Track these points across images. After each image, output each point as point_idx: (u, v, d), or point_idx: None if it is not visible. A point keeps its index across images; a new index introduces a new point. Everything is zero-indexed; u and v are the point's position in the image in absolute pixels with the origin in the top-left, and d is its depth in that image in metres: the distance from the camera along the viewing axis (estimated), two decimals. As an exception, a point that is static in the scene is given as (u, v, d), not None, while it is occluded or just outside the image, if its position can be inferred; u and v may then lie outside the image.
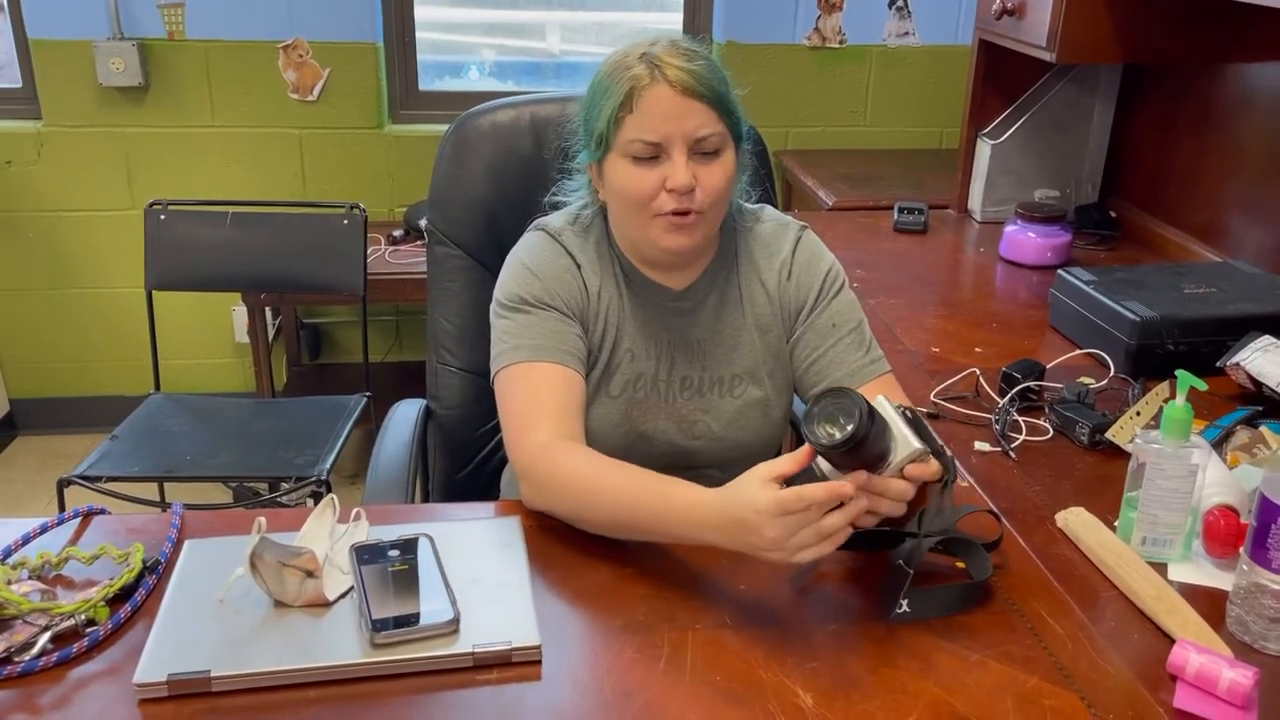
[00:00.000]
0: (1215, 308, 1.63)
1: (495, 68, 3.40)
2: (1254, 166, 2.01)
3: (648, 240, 1.24)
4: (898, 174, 2.96)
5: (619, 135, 1.19)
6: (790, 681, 0.95)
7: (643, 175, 1.19)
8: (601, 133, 1.21)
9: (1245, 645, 1.03)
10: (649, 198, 1.20)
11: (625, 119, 1.19)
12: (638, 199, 1.21)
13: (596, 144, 1.23)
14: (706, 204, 1.21)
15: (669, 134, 1.18)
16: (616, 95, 1.19)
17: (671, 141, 1.18)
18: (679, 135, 1.18)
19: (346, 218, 2.45)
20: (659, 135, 1.18)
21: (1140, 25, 2.00)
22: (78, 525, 1.16)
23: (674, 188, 1.18)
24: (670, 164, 1.19)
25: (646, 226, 1.23)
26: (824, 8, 3.16)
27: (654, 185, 1.19)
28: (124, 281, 3.15)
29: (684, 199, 1.19)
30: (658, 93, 1.17)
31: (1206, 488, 1.15)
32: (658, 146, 1.18)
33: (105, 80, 2.91)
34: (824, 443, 0.95)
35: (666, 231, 1.22)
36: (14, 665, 0.94)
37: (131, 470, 2.17)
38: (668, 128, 1.18)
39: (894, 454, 1.00)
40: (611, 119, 1.19)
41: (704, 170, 1.20)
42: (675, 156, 1.18)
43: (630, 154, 1.19)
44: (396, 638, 0.95)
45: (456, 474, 1.61)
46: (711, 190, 1.20)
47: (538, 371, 1.23)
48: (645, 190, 1.20)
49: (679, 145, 1.18)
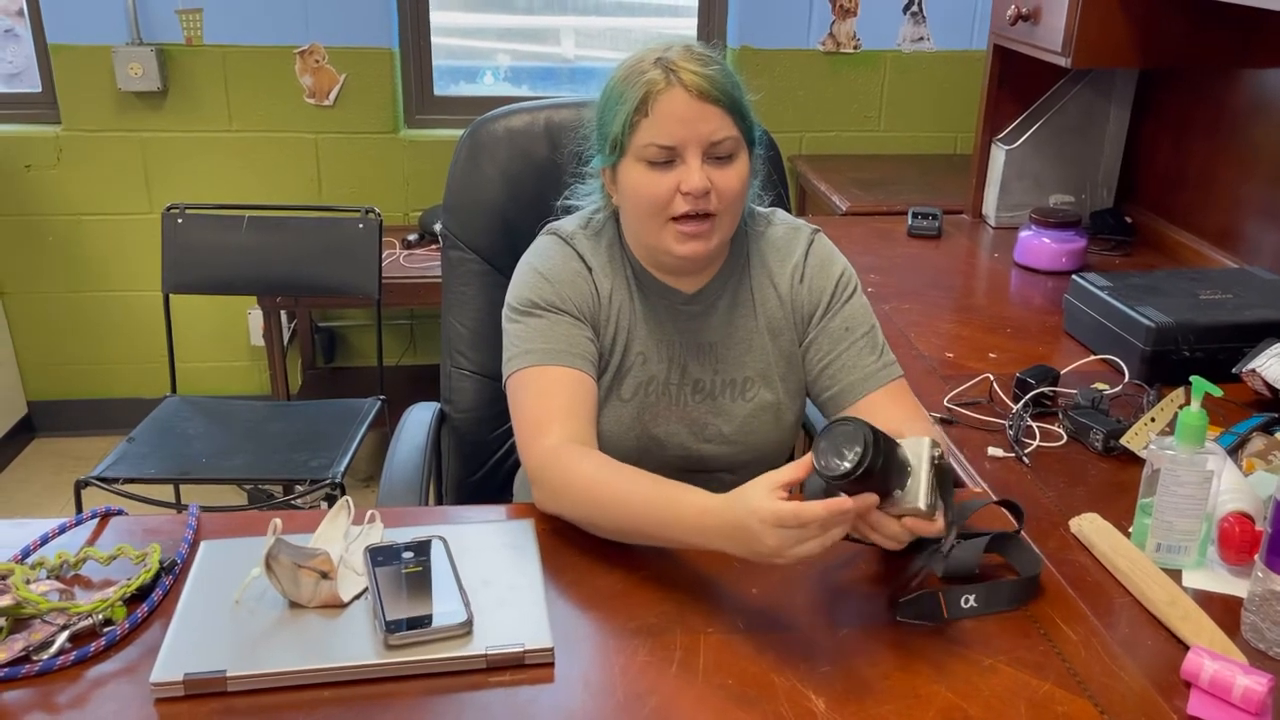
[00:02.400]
0: (1231, 314, 1.63)
1: (510, 73, 3.41)
2: (1269, 171, 2.00)
3: (661, 246, 1.24)
4: (912, 179, 2.96)
5: (633, 139, 1.20)
6: (803, 686, 0.95)
7: (657, 179, 1.20)
8: (616, 137, 1.21)
9: (1260, 652, 1.03)
10: (664, 202, 1.20)
11: (640, 123, 1.19)
12: (652, 203, 1.21)
13: (610, 149, 1.23)
14: (721, 208, 1.21)
15: (684, 138, 1.18)
16: (631, 100, 1.19)
17: (686, 145, 1.18)
18: (694, 139, 1.18)
19: (362, 222, 2.47)
20: (674, 139, 1.18)
21: (1155, 30, 1.99)
22: (95, 526, 1.17)
23: (689, 190, 1.18)
24: (685, 168, 1.19)
25: (660, 232, 1.23)
26: (838, 13, 3.16)
27: (668, 189, 1.20)
28: (141, 285, 3.18)
29: (699, 202, 1.19)
30: (673, 97, 1.17)
31: (1221, 494, 1.15)
32: (672, 150, 1.19)
33: (124, 85, 2.93)
34: (830, 473, 0.94)
35: (680, 240, 1.22)
36: (32, 664, 0.95)
37: (148, 472, 2.19)
38: (683, 132, 1.18)
39: (901, 499, 0.98)
40: (626, 123, 1.20)
41: (718, 174, 1.20)
42: (690, 160, 1.19)
43: (645, 158, 1.20)
44: (410, 639, 0.96)
45: (470, 477, 1.61)
46: (726, 193, 1.21)
47: (549, 375, 1.24)
48: (660, 194, 1.20)
49: (693, 149, 1.18)
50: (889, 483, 0.96)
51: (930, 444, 0.98)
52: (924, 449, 0.98)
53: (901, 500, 0.98)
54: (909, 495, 0.97)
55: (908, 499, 0.97)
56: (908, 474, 0.97)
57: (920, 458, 0.98)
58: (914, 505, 0.97)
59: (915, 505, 0.97)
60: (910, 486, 0.97)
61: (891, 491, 0.97)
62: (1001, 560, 1.13)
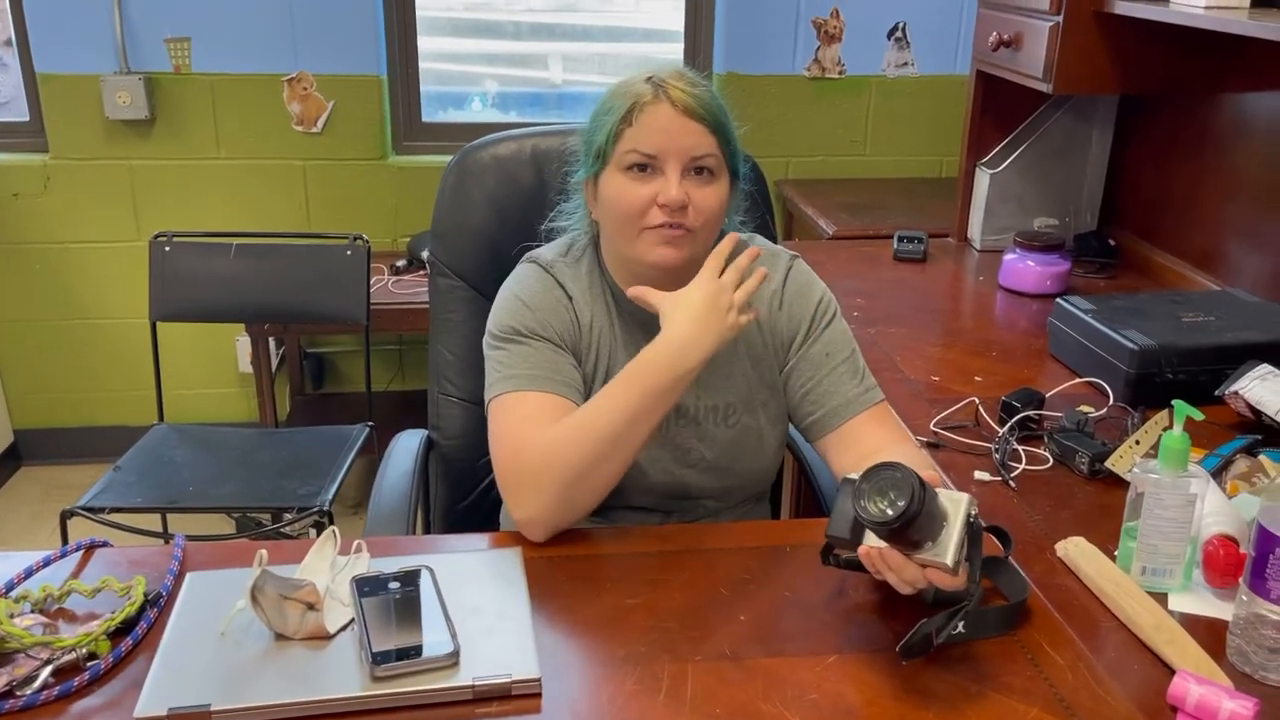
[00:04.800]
0: (1214, 336, 1.64)
1: (498, 98, 3.43)
2: (1250, 194, 2.03)
3: (635, 254, 1.25)
4: (897, 203, 2.98)
5: (616, 148, 1.22)
6: (790, 713, 0.95)
7: (636, 188, 1.21)
8: (600, 147, 1.23)
9: (1245, 676, 1.03)
10: (640, 211, 1.21)
11: (624, 132, 1.21)
12: (629, 211, 1.22)
13: (594, 158, 1.25)
14: (698, 224, 1.22)
15: (665, 148, 1.20)
16: (618, 111, 1.21)
17: (666, 157, 1.20)
18: (674, 151, 1.20)
19: (350, 248, 2.47)
20: (655, 148, 1.20)
21: (1134, 56, 2.02)
22: (80, 558, 1.17)
23: (665, 202, 1.20)
24: (664, 179, 1.20)
25: (635, 240, 1.24)
26: (823, 39, 3.19)
27: (646, 199, 1.21)
28: (128, 312, 3.17)
29: (675, 215, 1.20)
30: (658, 110, 1.20)
31: (1206, 517, 1.15)
32: (652, 159, 1.20)
33: (112, 114, 2.94)
34: (872, 519, 0.95)
35: (654, 244, 1.23)
36: (15, 699, 0.94)
37: (135, 501, 2.18)
38: (665, 143, 1.20)
39: (930, 550, 0.98)
40: (611, 133, 1.21)
41: (697, 190, 1.21)
42: (669, 173, 1.20)
43: (625, 164, 1.21)
44: (397, 670, 0.96)
45: (458, 504, 1.61)
46: (704, 210, 1.22)
47: (531, 400, 1.24)
48: (637, 203, 1.21)
49: (674, 162, 1.20)
50: (923, 532, 0.97)
51: (969, 502, 0.99)
52: (962, 506, 0.99)
53: (930, 551, 0.98)
54: (939, 548, 0.98)
55: (937, 551, 0.98)
56: (942, 526, 0.98)
57: (957, 513, 0.99)
58: (942, 560, 0.98)
59: (943, 560, 0.98)
60: (942, 540, 0.98)
61: (923, 542, 0.98)
62: (990, 585, 1.13)
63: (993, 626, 1.06)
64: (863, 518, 0.96)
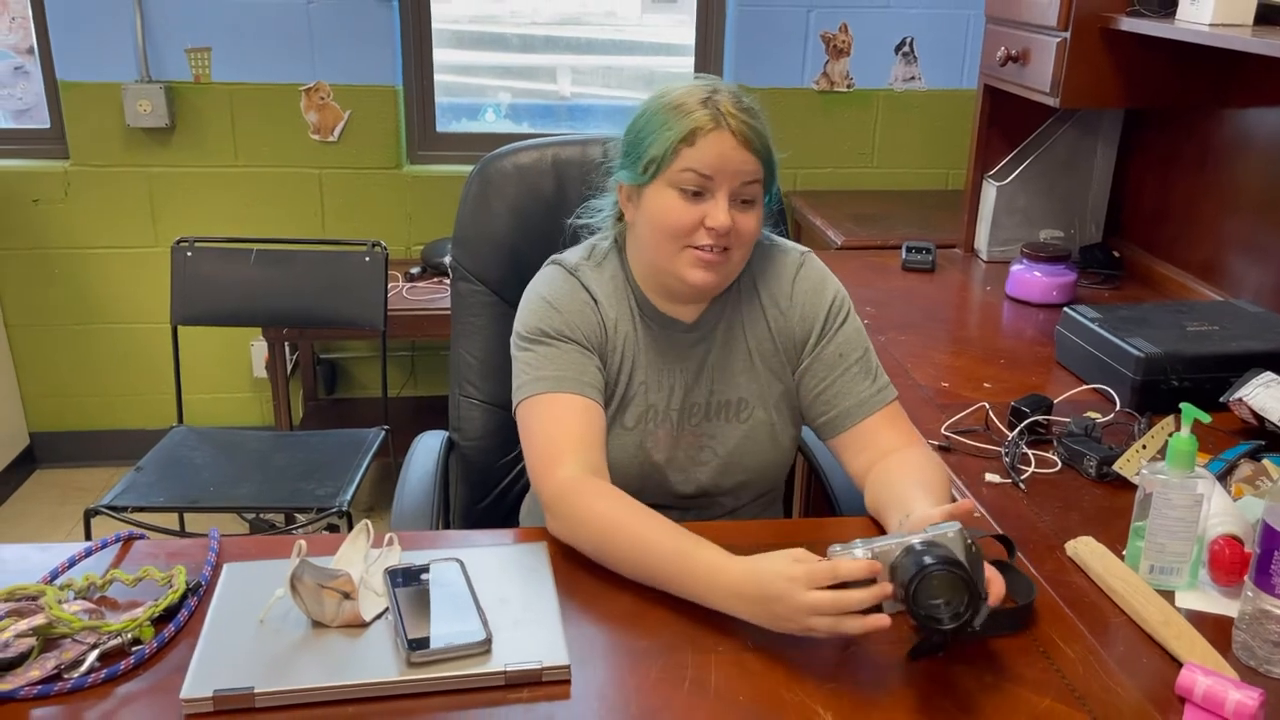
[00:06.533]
0: (1218, 345, 1.67)
1: (510, 110, 3.48)
2: (1252, 208, 2.06)
3: (673, 271, 1.29)
4: (905, 214, 3.02)
5: (673, 163, 1.24)
6: (811, 701, 0.98)
7: (685, 208, 1.25)
8: (655, 158, 1.25)
9: (1251, 669, 1.06)
10: (687, 231, 1.26)
11: (682, 150, 1.24)
12: (675, 230, 1.26)
13: (645, 168, 1.27)
14: (737, 247, 1.27)
15: (721, 171, 1.24)
16: (678, 129, 1.24)
17: (720, 181, 1.24)
18: (728, 177, 1.24)
19: (368, 255, 2.51)
20: (712, 170, 1.24)
21: (1139, 72, 2.06)
22: (119, 550, 1.20)
23: (713, 226, 1.24)
24: (713, 203, 1.24)
25: (675, 257, 1.28)
26: (832, 53, 3.23)
27: (693, 220, 1.25)
28: (145, 317, 3.21)
29: (720, 238, 1.25)
30: (720, 137, 1.23)
31: (1211, 518, 1.19)
32: (708, 180, 1.24)
33: (132, 121, 2.99)
34: (931, 622, 0.96)
35: (693, 266, 1.27)
36: (64, 681, 0.97)
37: (156, 500, 2.21)
38: (721, 167, 1.24)
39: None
40: (669, 148, 1.24)
41: (741, 216, 1.26)
42: (719, 198, 1.24)
43: (679, 184, 1.25)
44: (431, 657, 0.99)
45: (477, 503, 1.64)
46: (744, 235, 1.27)
47: (560, 403, 1.27)
48: (685, 223, 1.25)
49: (725, 187, 1.24)
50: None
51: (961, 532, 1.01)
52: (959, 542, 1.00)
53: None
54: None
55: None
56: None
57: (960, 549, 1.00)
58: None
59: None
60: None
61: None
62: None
63: (1002, 627, 1.08)
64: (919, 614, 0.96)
